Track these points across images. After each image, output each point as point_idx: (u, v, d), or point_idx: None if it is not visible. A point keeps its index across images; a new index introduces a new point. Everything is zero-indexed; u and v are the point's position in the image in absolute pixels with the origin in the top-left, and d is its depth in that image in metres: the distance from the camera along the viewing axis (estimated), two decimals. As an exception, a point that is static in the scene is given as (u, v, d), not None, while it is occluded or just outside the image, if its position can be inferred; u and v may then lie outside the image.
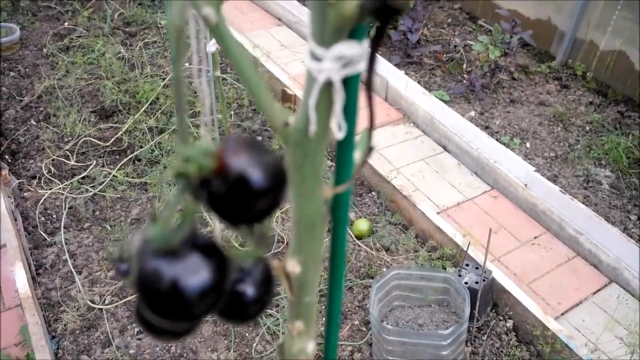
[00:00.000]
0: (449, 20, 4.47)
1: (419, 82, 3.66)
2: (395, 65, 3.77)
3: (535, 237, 2.74)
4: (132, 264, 0.47)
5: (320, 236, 0.64)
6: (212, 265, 0.46)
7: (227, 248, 0.48)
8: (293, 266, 0.63)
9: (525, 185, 2.84)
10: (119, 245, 0.49)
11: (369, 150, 0.60)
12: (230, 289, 0.48)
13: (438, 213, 2.76)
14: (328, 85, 0.51)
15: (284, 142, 0.62)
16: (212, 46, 1.99)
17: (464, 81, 3.73)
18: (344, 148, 0.58)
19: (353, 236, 2.62)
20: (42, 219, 2.70)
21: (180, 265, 0.45)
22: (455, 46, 4.03)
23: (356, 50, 0.50)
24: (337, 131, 0.55)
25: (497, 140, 3.15)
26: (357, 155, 0.64)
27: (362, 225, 2.63)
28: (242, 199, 0.44)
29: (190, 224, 0.46)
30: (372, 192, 2.94)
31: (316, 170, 0.59)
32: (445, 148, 3.24)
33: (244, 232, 0.46)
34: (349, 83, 0.51)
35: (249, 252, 0.54)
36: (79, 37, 4.00)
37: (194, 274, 0.45)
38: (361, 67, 0.51)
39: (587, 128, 3.40)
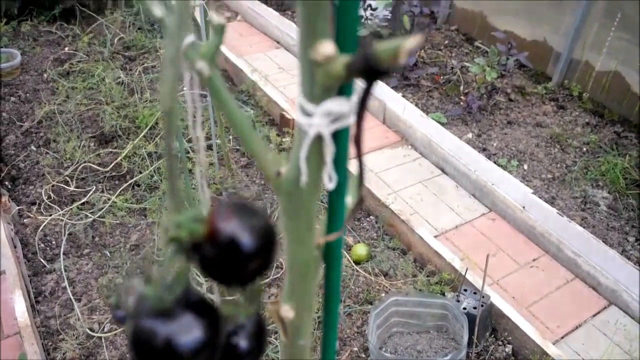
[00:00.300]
0: (446, 41, 4.52)
1: (416, 105, 3.68)
2: (393, 87, 3.80)
3: (534, 260, 2.74)
4: (129, 312, 0.48)
5: (313, 281, 0.65)
6: (204, 323, 0.47)
7: (220, 304, 0.49)
8: (287, 311, 0.64)
9: (523, 207, 2.85)
10: (117, 291, 0.50)
11: (360, 201, 0.61)
12: (224, 343, 0.49)
13: (436, 236, 2.77)
14: (318, 138, 0.52)
15: (277, 191, 0.63)
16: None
17: (461, 103, 3.76)
18: (335, 197, 0.59)
19: (351, 261, 2.62)
20: (42, 245, 2.70)
21: (173, 324, 0.46)
22: (452, 68, 4.06)
23: (345, 106, 0.51)
24: (328, 182, 0.56)
25: (494, 162, 3.17)
26: (349, 199, 0.65)
27: (361, 250, 2.63)
28: (232, 263, 0.45)
29: (183, 283, 0.47)
30: (371, 216, 2.94)
31: (309, 219, 0.60)
32: (443, 170, 3.26)
33: (236, 290, 0.48)
34: (339, 136, 0.53)
35: (241, 309, 0.55)
36: (79, 62, 4.03)
37: (187, 332, 0.46)
38: (350, 120, 0.53)
39: (584, 149, 3.41)
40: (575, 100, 3.82)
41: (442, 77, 4.01)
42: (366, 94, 0.50)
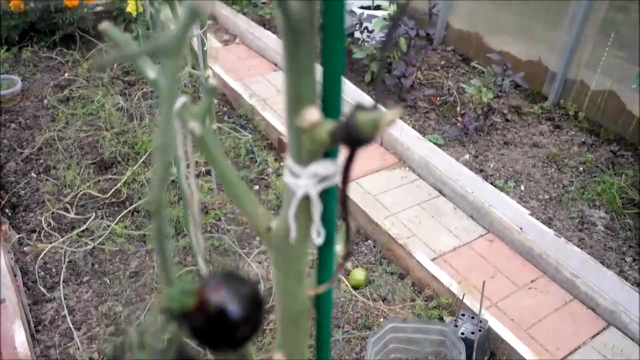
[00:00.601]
0: (442, 62, 4.56)
1: (413, 126, 3.71)
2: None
3: (532, 281, 2.75)
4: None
5: (304, 330, 0.67)
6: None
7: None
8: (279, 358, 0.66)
9: (521, 228, 2.86)
10: (113, 344, 0.52)
11: (348, 255, 0.63)
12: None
13: (434, 259, 2.78)
14: (307, 197, 0.54)
15: (267, 246, 0.65)
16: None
17: (458, 124, 3.78)
18: (324, 251, 0.61)
19: (350, 286, 2.63)
20: (42, 273, 2.71)
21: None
22: (448, 89, 4.10)
23: (330, 169, 0.53)
24: (316, 237, 0.58)
25: (491, 183, 3.18)
26: (339, 247, 0.67)
27: (359, 275, 2.64)
28: (221, 332, 0.47)
29: (176, 347, 0.48)
30: (369, 241, 2.96)
31: (299, 271, 0.62)
32: (441, 192, 3.27)
33: (226, 355, 0.49)
34: (326, 194, 0.55)
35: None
36: (79, 87, 4.07)
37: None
38: (336, 180, 0.55)
39: (581, 168, 3.43)
40: (571, 120, 3.85)
41: (438, 99, 4.04)
42: (350, 160, 0.52)
